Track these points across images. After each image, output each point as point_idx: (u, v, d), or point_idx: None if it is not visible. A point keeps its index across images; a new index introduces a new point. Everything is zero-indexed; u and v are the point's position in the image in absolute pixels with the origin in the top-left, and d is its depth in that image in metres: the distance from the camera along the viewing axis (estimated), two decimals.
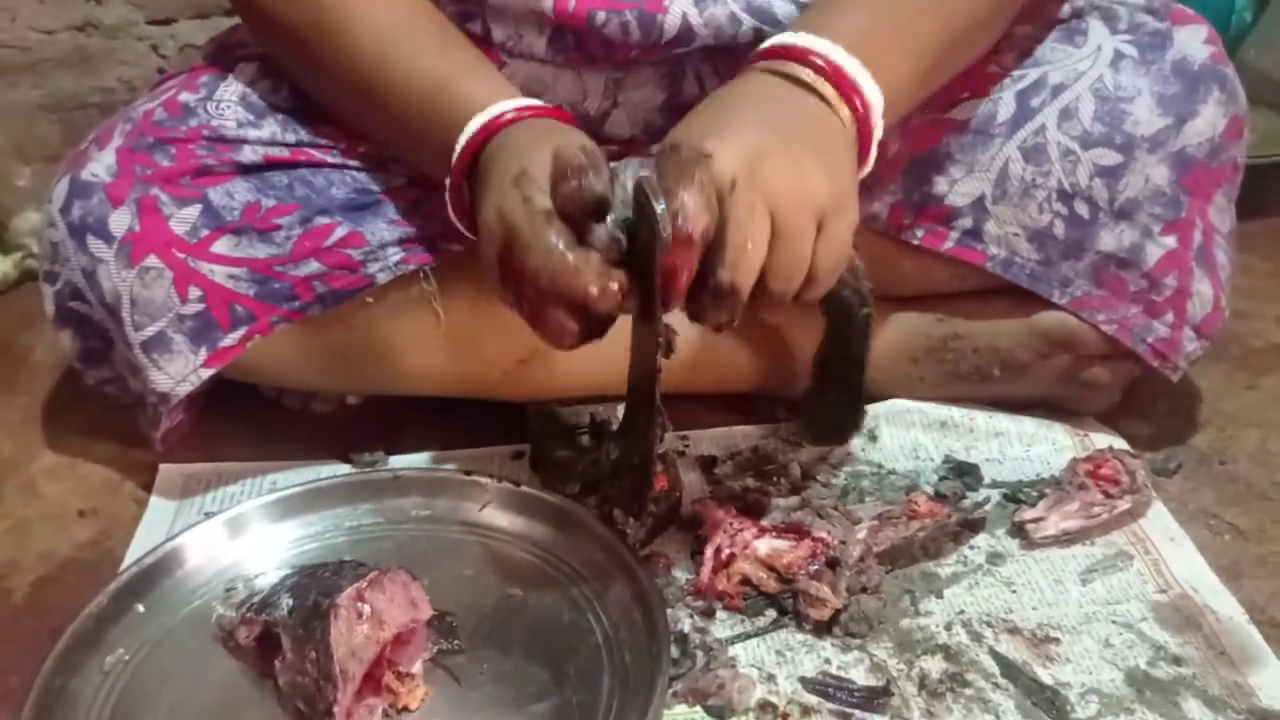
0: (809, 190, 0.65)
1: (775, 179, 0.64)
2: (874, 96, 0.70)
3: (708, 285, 0.64)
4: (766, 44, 0.72)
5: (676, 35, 0.83)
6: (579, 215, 0.64)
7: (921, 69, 0.76)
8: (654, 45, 0.83)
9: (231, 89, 0.88)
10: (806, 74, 0.69)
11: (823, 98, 0.69)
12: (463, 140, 0.73)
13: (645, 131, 0.90)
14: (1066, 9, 0.89)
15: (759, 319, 0.89)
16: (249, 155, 0.84)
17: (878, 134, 0.72)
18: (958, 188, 0.86)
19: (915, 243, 0.88)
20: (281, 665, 0.67)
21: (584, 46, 0.84)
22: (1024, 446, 0.91)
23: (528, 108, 0.74)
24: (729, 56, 0.86)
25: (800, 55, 0.70)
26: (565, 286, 0.62)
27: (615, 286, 0.62)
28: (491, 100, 0.74)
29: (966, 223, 0.87)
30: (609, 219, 0.64)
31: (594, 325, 0.65)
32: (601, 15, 0.82)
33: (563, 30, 0.84)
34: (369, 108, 0.81)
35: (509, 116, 0.73)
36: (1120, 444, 0.90)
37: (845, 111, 0.70)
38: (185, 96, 0.87)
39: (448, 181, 0.75)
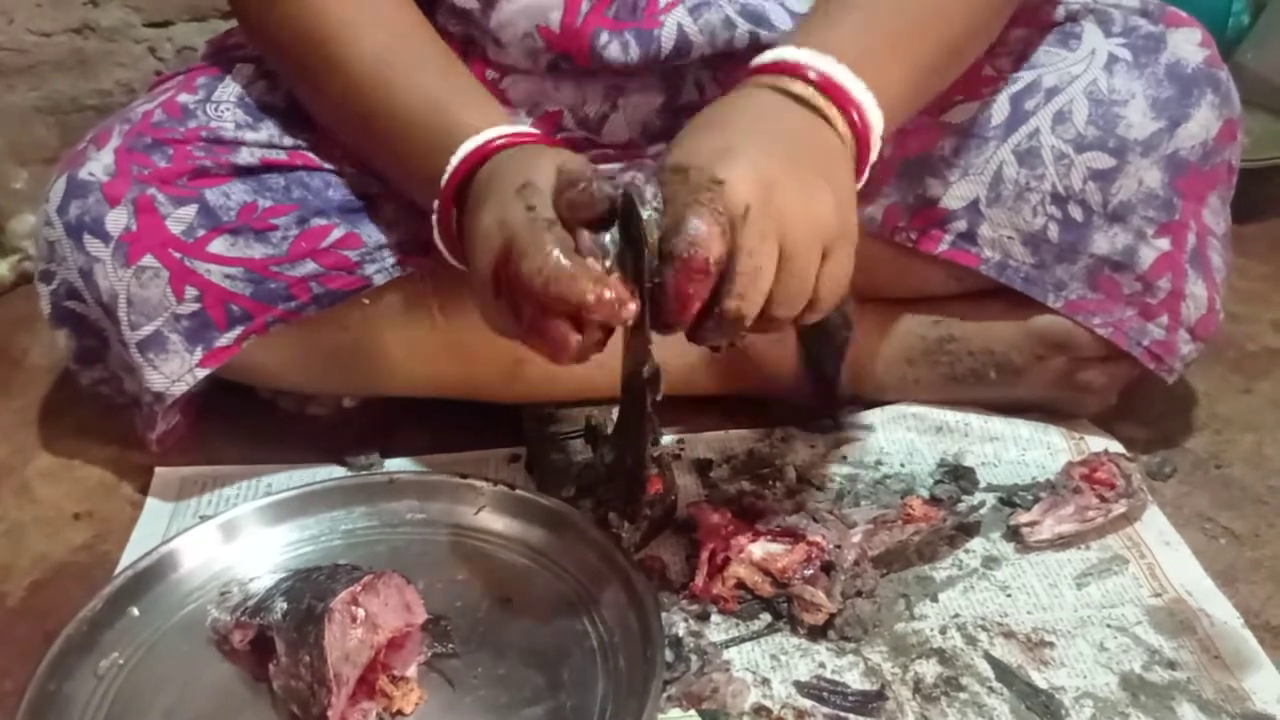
0: (818, 218, 0.64)
1: (786, 207, 0.63)
2: (874, 116, 0.69)
3: (713, 311, 0.63)
4: (764, 58, 0.71)
5: (674, 47, 0.83)
6: (581, 224, 0.63)
7: (919, 80, 0.76)
8: (653, 61, 0.83)
9: (229, 90, 0.88)
10: (806, 90, 0.68)
11: (822, 114, 0.68)
12: (453, 163, 0.73)
13: (643, 134, 0.90)
14: (1061, 11, 0.89)
15: None
16: (246, 158, 0.85)
17: (874, 153, 0.71)
18: (952, 191, 0.86)
19: (910, 245, 0.88)
20: (276, 669, 0.67)
21: (582, 70, 0.84)
22: (1019, 450, 0.91)
23: (520, 134, 0.73)
24: (728, 62, 0.86)
25: (799, 70, 0.69)
26: (560, 291, 0.61)
27: (611, 294, 0.61)
28: (483, 126, 0.73)
29: (961, 225, 0.87)
30: (607, 234, 0.64)
31: (593, 336, 0.64)
32: (604, 36, 0.82)
33: (561, 59, 0.84)
34: (363, 131, 0.81)
35: (500, 142, 0.72)
36: (1116, 447, 0.89)
37: (845, 129, 0.69)
38: (184, 98, 0.88)
39: (435, 205, 0.75)
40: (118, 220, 0.82)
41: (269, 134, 0.86)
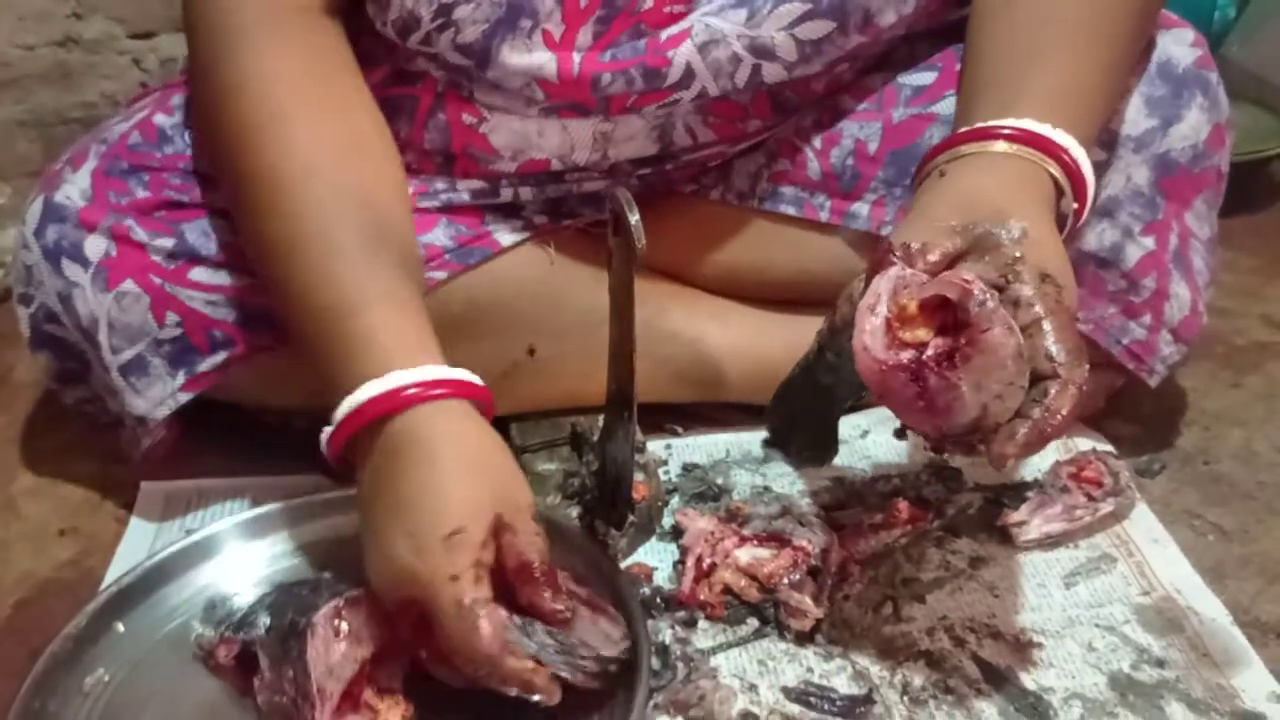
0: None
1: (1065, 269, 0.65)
2: (1080, 156, 0.70)
3: (1047, 389, 0.61)
4: (966, 128, 0.71)
5: (679, 79, 0.81)
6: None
7: (1102, 118, 0.77)
8: (654, 91, 0.81)
9: None
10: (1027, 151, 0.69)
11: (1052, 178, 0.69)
12: (350, 404, 0.65)
13: (632, 163, 0.88)
14: None
15: None
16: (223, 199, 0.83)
17: (1091, 189, 0.72)
18: None
19: None
20: (260, 684, 0.67)
21: (571, 114, 0.83)
22: None
23: (436, 383, 0.65)
24: (718, 104, 0.85)
25: (1011, 136, 0.69)
26: (481, 677, 0.61)
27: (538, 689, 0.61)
28: (395, 363, 0.65)
29: None
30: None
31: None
32: (606, 77, 0.80)
33: (557, 106, 0.82)
34: (279, 297, 0.73)
35: (411, 392, 0.64)
36: (1103, 446, 0.89)
37: (1060, 174, 0.69)
38: (160, 119, 0.87)
39: (324, 434, 0.68)
40: (96, 246, 0.81)
41: None
